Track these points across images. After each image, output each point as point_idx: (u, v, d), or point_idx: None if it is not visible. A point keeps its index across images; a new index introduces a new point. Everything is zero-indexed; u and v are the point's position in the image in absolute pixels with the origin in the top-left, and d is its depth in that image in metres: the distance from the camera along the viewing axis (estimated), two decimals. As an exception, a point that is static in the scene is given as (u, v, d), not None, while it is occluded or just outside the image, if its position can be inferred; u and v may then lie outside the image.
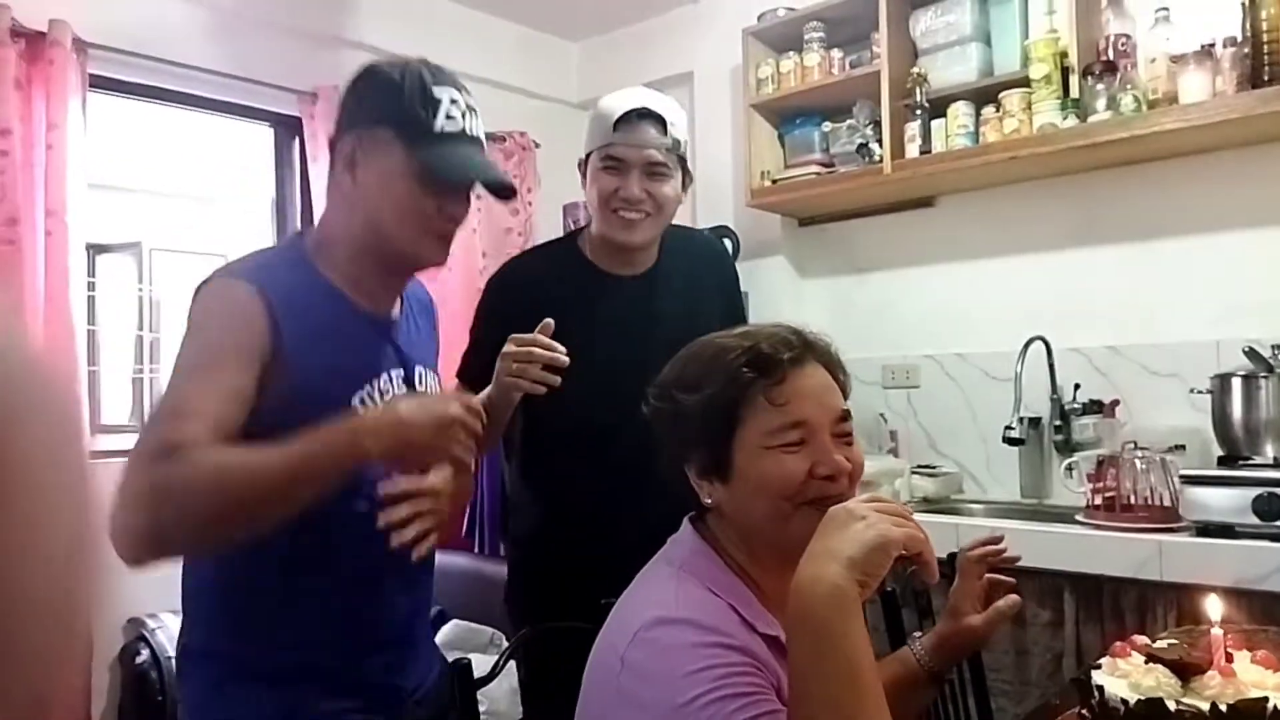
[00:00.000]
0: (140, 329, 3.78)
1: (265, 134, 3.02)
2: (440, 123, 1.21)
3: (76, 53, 2.43)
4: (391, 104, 1.21)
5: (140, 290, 3.93)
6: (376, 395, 1.24)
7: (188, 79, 2.74)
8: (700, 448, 1.02)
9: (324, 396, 1.17)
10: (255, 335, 1.14)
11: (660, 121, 1.66)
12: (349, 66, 3.28)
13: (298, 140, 2.96)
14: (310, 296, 1.21)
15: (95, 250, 3.77)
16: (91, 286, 2.93)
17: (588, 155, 1.70)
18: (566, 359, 1.46)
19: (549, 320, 1.48)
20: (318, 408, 1.12)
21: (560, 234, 3.31)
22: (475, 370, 1.66)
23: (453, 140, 1.22)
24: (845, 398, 1.07)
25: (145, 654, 2.42)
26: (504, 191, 1.29)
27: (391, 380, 1.27)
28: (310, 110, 2.87)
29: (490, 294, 1.79)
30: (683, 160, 1.71)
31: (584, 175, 1.72)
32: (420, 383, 1.33)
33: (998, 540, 1.29)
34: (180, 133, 3.75)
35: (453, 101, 1.22)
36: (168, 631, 2.38)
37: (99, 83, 2.57)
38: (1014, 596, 1.22)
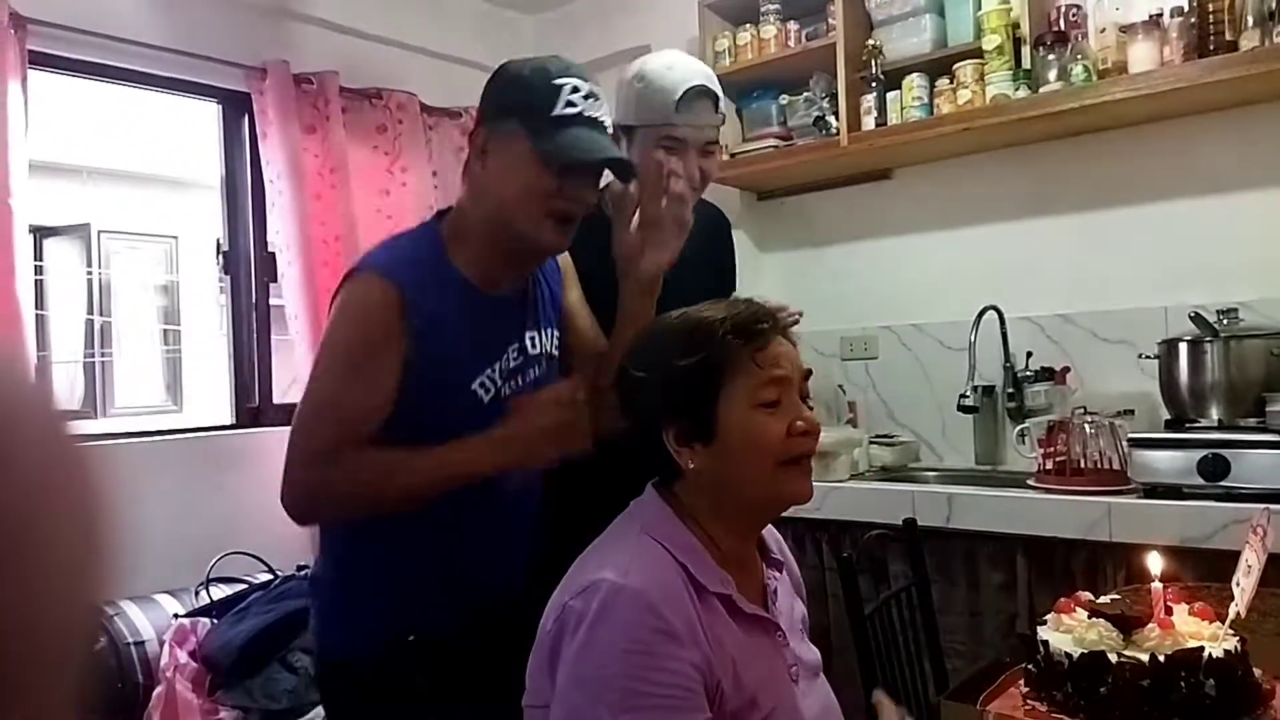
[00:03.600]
0: (90, 313, 3.71)
1: (213, 111, 2.96)
2: (559, 108, 1.28)
3: (15, 29, 2.36)
4: (517, 95, 1.31)
5: (89, 273, 3.86)
6: (497, 377, 1.35)
7: (132, 55, 2.67)
8: (682, 413, 1.07)
9: (443, 384, 1.30)
10: (392, 329, 1.26)
11: (715, 99, 1.66)
12: (299, 40, 3.22)
13: (246, 117, 2.90)
14: (439, 288, 1.32)
15: (41, 233, 3.69)
16: (39, 270, 2.87)
17: (630, 126, 1.64)
18: None
19: None
20: (439, 394, 1.29)
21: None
22: None
23: (570, 123, 1.29)
24: None
25: (103, 641, 2.39)
26: (624, 171, 1.37)
27: (508, 355, 1.38)
28: (259, 86, 2.81)
29: None
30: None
31: (625, 140, 1.64)
32: (533, 345, 1.42)
33: None
34: (127, 111, 3.67)
35: (574, 89, 1.30)
36: (125, 619, 2.35)
37: (39, 60, 2.50)
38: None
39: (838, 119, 2.70)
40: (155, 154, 4.49)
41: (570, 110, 1.29)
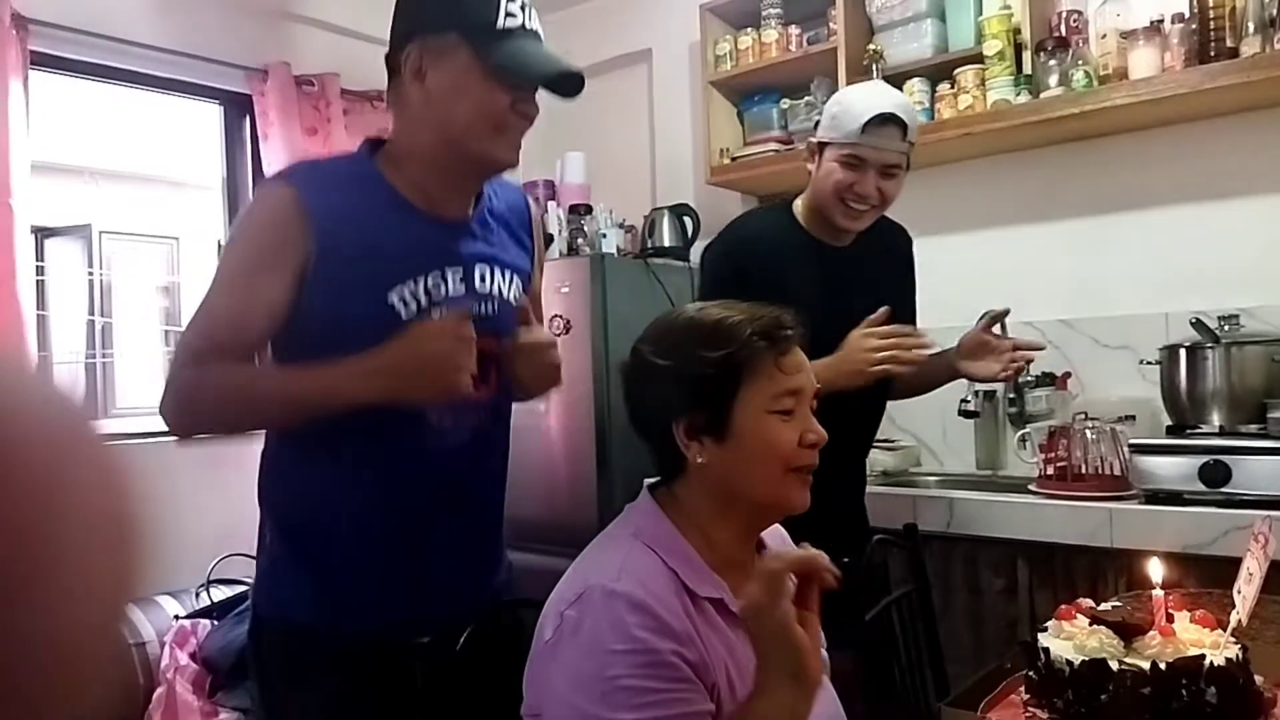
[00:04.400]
0: (91, 314, 3.71)
1: (214, 112, 2.96)
2: (503, 19, 1.21)
3: (16, 29, 2.37)
4: (452, 7, 1.22)
5: (90, 274, 3.86)
6: (421, 293, 1.25)
7: (133, 56, 2.68)
8: (698, 407, 1.06)
9: (353, 289, 1.22)
10: (288, 235, 1.20)
11: (903, 126, 1.75)
12: (300, 42, 3.22)
13: (248, 119, 2.90)
14: (355, 196, 1.25)
15: (42, 234, 3.69)
16: (40, 271, 2.87)
17: (823, 142, 1.79)
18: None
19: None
20: (348, 301, 1.21)
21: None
22: None
23: (517, 35, 1.22)
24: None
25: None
26: (571, 85, 1.27)
27: (445, 278, 1.27)
28: (260, 87, 2.82)
29: (717, 258, 1.88)
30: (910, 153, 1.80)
31: (815, 153, 1.82)
32: (482, 281, 1.32)
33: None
34: (129, 112, 3.67)
35: None
36: (126, 620, 2.36)
37: (41, 60, 2.51)
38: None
39: (839, 123, 2.70)
40: (157, 155, 4.49)
41: (513, 22, 1.22)
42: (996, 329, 1.91)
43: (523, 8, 1.24)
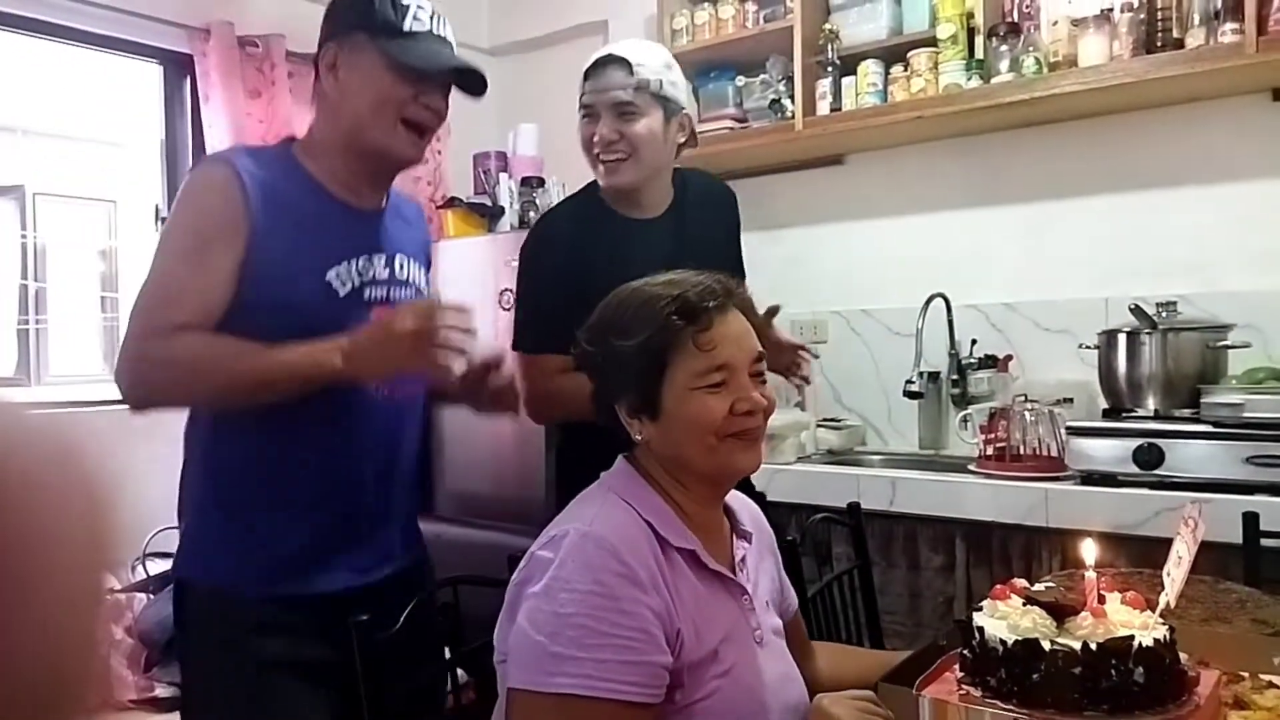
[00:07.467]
0: (25, 278, 3.58)
1: (154, 72, 2.86)
2: (409, 23, 1.34)
3: (-58, -21, 2.26)
4: (364, 11, 1.34)
5: (24, 237, 3.72)
6: (354, 275, 1.34)
7: (69, 11, 2.57)
8: (631, 389, 1.10)
9: (292, 270, 1.28)
10: (233, 211, 1.26)
11: (625, 64, 1.69)
12: (244, 1, 3.10)
13: (189, 79, 2.81)
14: (284, 181, 1.33)
15: (-28, 193, 3.55)
16: (-32, 232, 2.76)
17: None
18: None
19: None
20: (291, 276, 1.28)
21: (471, 185, 3.26)
22: (539, 336, 1.67)
23: (421, 37, 1.35)
24: (759, 340, 1.16)
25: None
26: (474, 83, 1.41)
27: (373, 262, 1.37)
28: (202, 47, 2.73)
29: (528, 253, 1.78)
30: (662, 98, 1.71)
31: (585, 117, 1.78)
32: (401, 269, 1.42)
33: None
34: (66, 69, 3.53)
35: (419, 7, 1.36)
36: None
37: (-31, 13, 2.40)
38: None
39: (793, 103, 2.70)
40: (94, 115, 4.33)
41: (419, 26, 1.35)
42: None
43: (432, 16, 1.37)
